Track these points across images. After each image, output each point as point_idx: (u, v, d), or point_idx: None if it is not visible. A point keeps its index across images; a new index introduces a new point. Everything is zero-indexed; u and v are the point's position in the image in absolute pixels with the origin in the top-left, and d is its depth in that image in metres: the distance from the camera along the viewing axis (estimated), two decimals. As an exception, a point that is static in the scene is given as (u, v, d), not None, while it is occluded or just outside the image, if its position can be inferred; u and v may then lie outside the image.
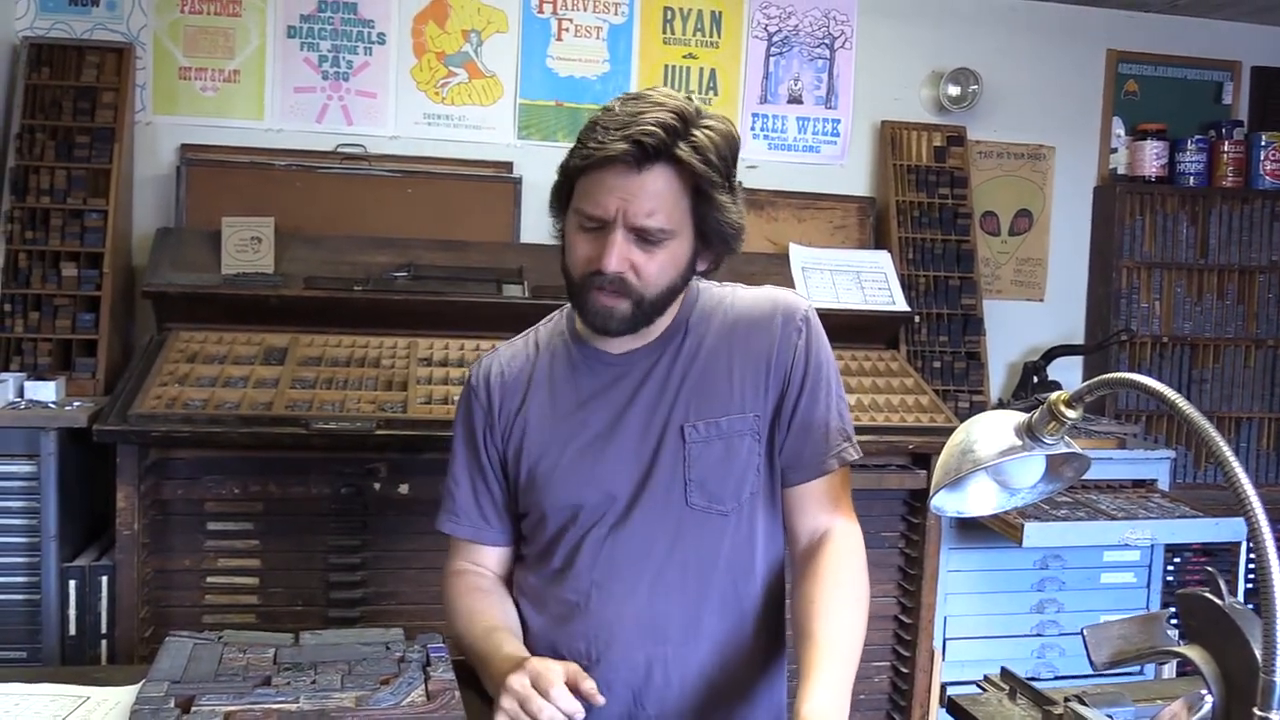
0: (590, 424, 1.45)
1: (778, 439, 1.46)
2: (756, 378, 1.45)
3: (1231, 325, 3.71)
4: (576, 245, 1.39)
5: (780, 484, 1.47)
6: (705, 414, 1.43)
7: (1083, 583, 3.11)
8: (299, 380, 2.64)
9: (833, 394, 1.48)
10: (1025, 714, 1.38)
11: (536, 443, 1.47)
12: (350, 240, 3.00)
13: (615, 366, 1.47)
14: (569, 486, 1.44)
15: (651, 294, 1.38)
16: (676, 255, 1.38)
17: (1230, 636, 1.00)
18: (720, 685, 1.43)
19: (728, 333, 1.47)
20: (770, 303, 1.49)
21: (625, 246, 1.34)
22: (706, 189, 1.36)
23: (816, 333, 1.48)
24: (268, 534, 2.55)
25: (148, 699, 1.15)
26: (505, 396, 1.51)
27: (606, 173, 1.33)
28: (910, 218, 3.45)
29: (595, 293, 1.37)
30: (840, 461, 1.46)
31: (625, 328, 1.40)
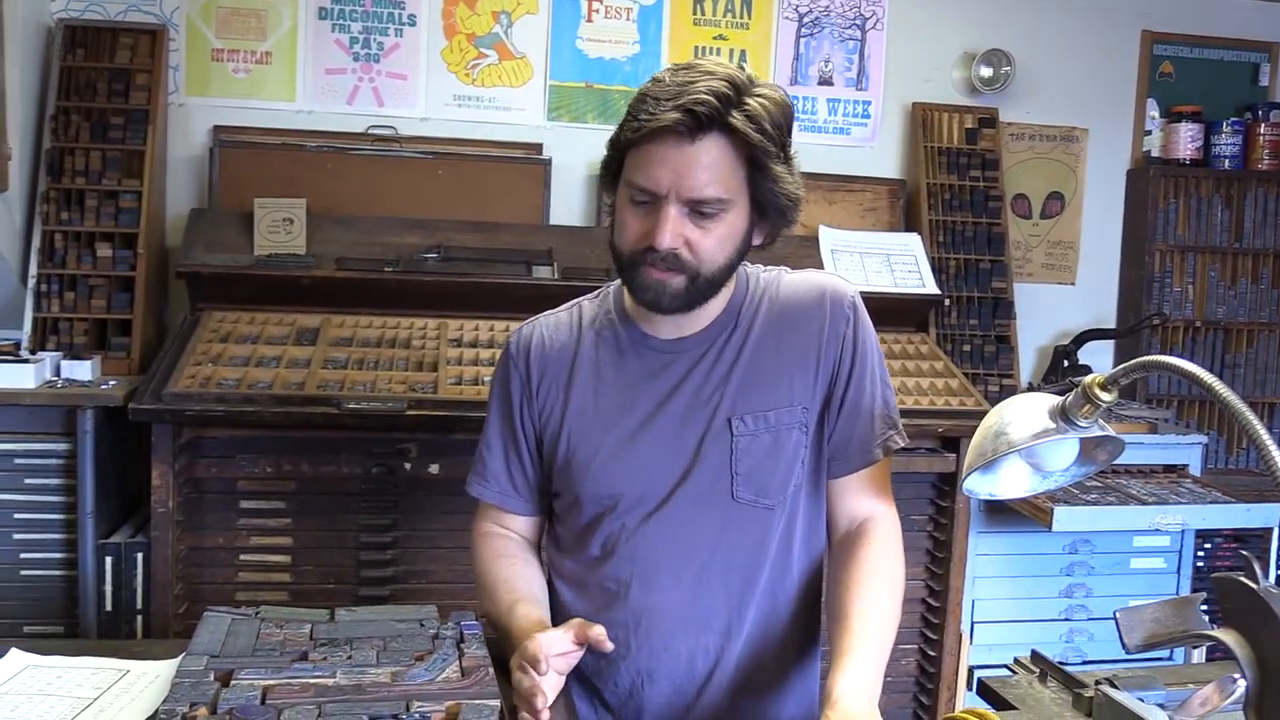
0: (634, 411, 1.41)
1: (825, 429, 1.43)
2: (805, 369, 1.42)
3: (1266, 310, 3.66)
4: (627, 221, 1.34)
5: (825, 474, 1.45)
6: (754, 407, 1.39)
7: (1112, 568, 3.10)
8: (330, 360, 2.66)
9: (878, 381, 1.45)
10: (1055, 697, 1.38)
11: (577, 428, 1.43)
12: (381, 221, 3.02)
13: (664, 353, 1.43)
14: (609, 476, 1.41)
15: (708, 270, 1.33)
16: (733, 229, 1.34)
17: (1265, 621, 1.00)
18: (756, 675, 1.43)
19: (775, 322, 1.43)
20: (817, 290, 1.45)
21: (679, 221, 1.30)
22: (762, 158, 1.31)
23: (863, 320, 1.45)
24: (299, 513, 2.57)
25: (188, 672, 1.16)
26: (546, 371, 1.46)
27: (658, 145, 1.28)
28: (941, 200, 3.43)
29: (647, 268, 1.33)
30: (885, 450, 1.44)
31: (679, 304, 1.35)
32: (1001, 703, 1.36)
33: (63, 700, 1.23)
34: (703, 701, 1.41)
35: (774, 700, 1.45)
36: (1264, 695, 0.99)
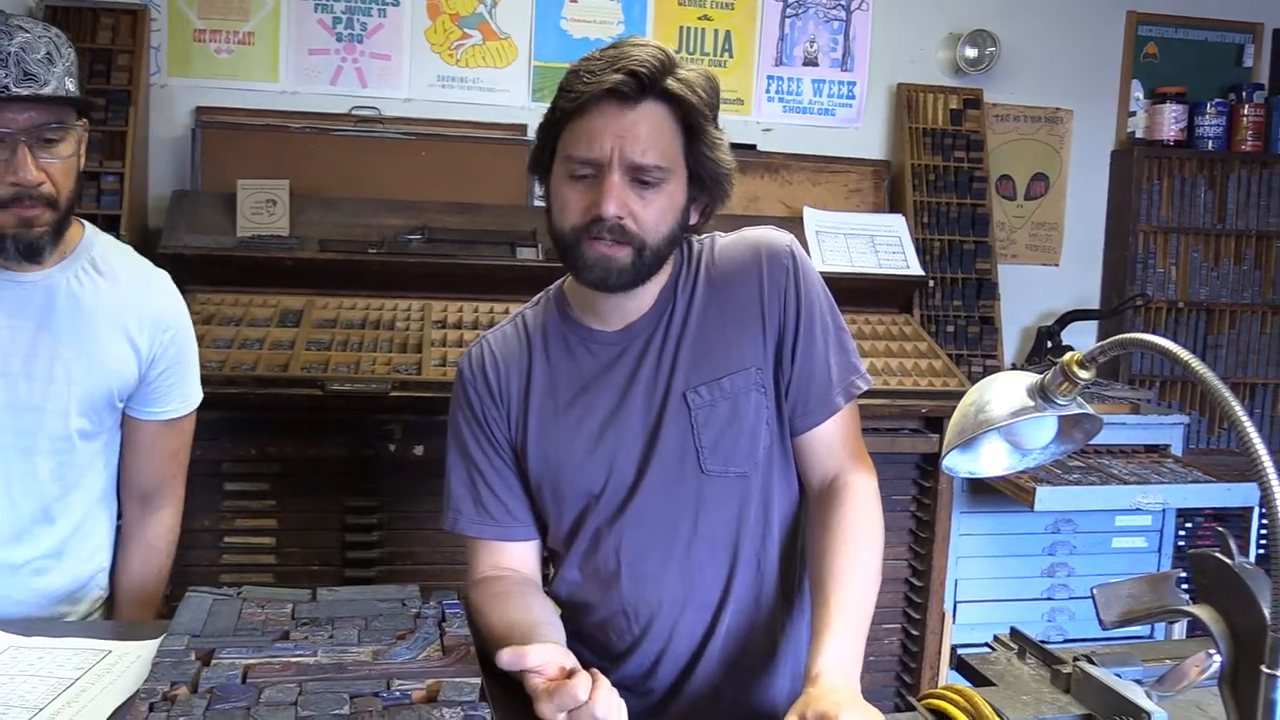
0: (596, 407, 1.41)
1: (782, 386, 1.41)
2: (752, 329, 1.40)
3: (1248, 291, 3.68)
4: (568, 197, 1.32)
5: (790, 433, 1.43)
6: (706, 377, 1.38)
7: (1093, 547, 3.12)
8: (314, 342, 2.66)
9: (829, 328, 1.42)
10: (1034, 673, 1.38)
11: (544, 434, 1.42)
12: (365, 203, 3.01)
13: (613, 344, 1.42)
14: (583, 473, 1.40)
15: (652, 241, 1.32)
16: (674, 200, 1.33)
17: (1239, 596, 1.01)
18: (749, 645, 1.43)
19: (716, 289, 1.41)
20: (752, 248, 1.43)
21: (623, 190, 1.29)
22: (699, 124, 1.32)
23: (803, 268, 1.42)
24: (284, 494, 2.57)
25: (169, 651, 1.16)
26: (504, 381, 1.44)
27: (597, 114, 1.28)
28: (926, 181, 3.43)
29: (592, 243, 1.30)
30: (848, 395, 1.42)
31: (626, 279, 1.34)
32: (980, 679, 1.37)
33: (45, 681, 1.23)
34: (702, 672, 1.42)
35: (769, 660, 1.45)
36: (1238, 669, 1.00)
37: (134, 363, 1.65)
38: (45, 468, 1.62)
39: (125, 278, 1.66)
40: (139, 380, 1.67)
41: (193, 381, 1.77)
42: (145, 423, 1.72)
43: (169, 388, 1.71)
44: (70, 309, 1.60)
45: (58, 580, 1.67)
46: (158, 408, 1.72)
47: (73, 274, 1.61)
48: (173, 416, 1.74)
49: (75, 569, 1.70)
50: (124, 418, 1.71)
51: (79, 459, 1.66)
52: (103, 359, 1.62)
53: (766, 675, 1.44)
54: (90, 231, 1.68)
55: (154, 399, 1.71)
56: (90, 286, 1.62)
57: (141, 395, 1.69)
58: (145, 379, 1.68)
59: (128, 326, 1.64)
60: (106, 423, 1.68)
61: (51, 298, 1.59)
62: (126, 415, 1.71)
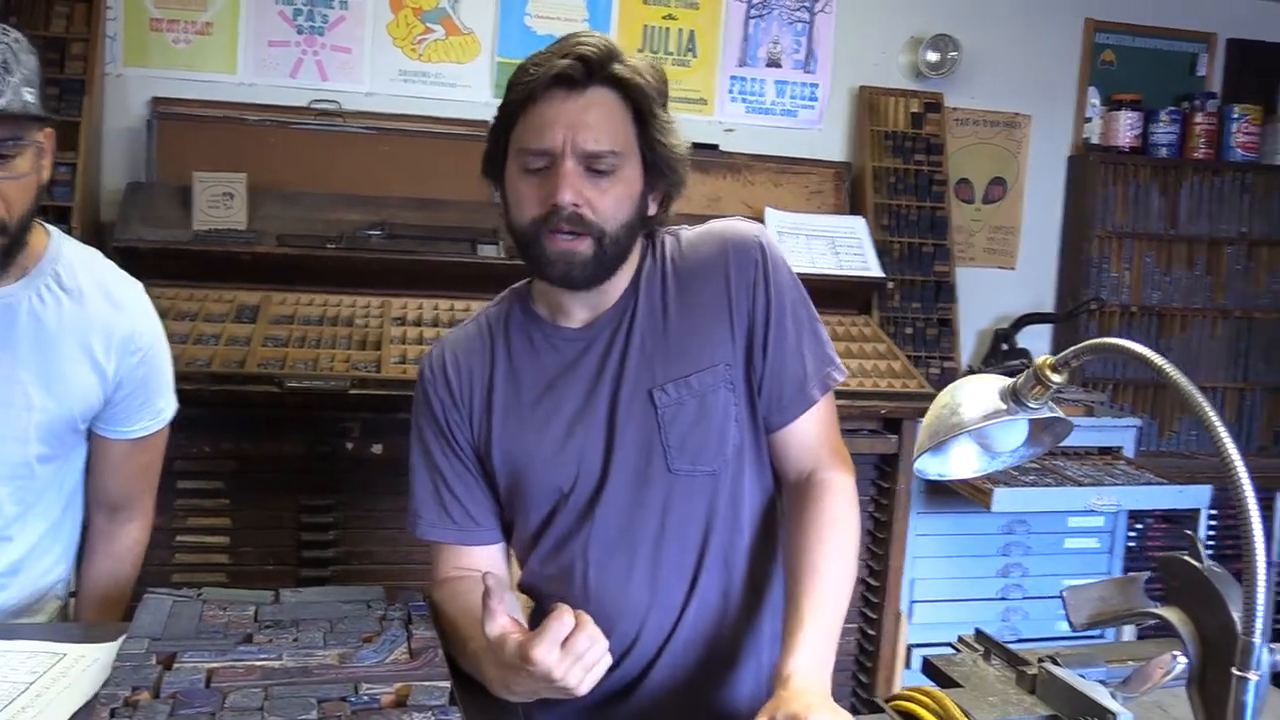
0: (563, 404, 1.39)
1: (754, 382, 1.39)
2: (720, 325, 1.38)
3: (1199, 296, 3.75)
4: (523, 192, 1.31)
5: (765, 430, 1.42)
6: (674, 374, 1.37)
7: (1047, 548, 3.16)
8: (271, 338, 2.62)
9: (802, 319, 1.41)
10: (999, 674, 1.39)
11: (509, 433, 1.40)
12: (324, 198, 2.97)
13: (577, 341, 1.40)
14: (551, 471, 1.39)
15: (611, 230, 1.30)
16: (630, 185, 1.33)
17: (1208, 599, 1.02)
18: (715, 646, 1.42)
19: (682, 282, 1.40)
20: (719, 242, 1.41)
21: (577, 179, 1.28)
22: (648, 109, 1.32)
23: (773, 260, 1.40)
24: (238, 493, 2.53)
25: (129, 655, 1.14)
26: (466, 383, 1.42)
27: (545, 103, 1.28)
28: (886, 184, 3.45)
29: (552, 236, 1.29)
30: (823, 387, 1.41)
31: (589, 273, 1.32)
32: (947, 680, 1.37)
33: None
34: (665, 669, 1.40)
35: (734, 656, 1.44)
36: (1206, 671, 1.01)
37: (98, 387, 1.57)
38: (2, 493, 1.54)
39: (92, 294, 1.56)
40: (104, 403, 1.59)
41: (164, 398, 1.68)
42: (114, 441, 1.64)
43: (137, 408, 1.63)
44: (32, 329, 1.51)
45: (14, 595, 1.61)
46: (125, 427, 1.63)
47: (35, 291, 1.51)
48: (142, 435, 1.65)
49: (33, 583, 1.64)
50: (90, 433, 1.64)
51: (38, 483, 1.58)
52: (65, 383, 1.53)
53: (731, 671, 1.44)
54: (56, 241, 1.57)
55: (121, 419, 1.63)
56: (54, 305, 1.52)
57: (108, 416, 1.61)
58: (111, 401, 1.59)
59: (93, 348, 1.54)
60: (68, 444, 1.61)
61: (12, 317, 1.50)
62: (93, 432, 1.63)
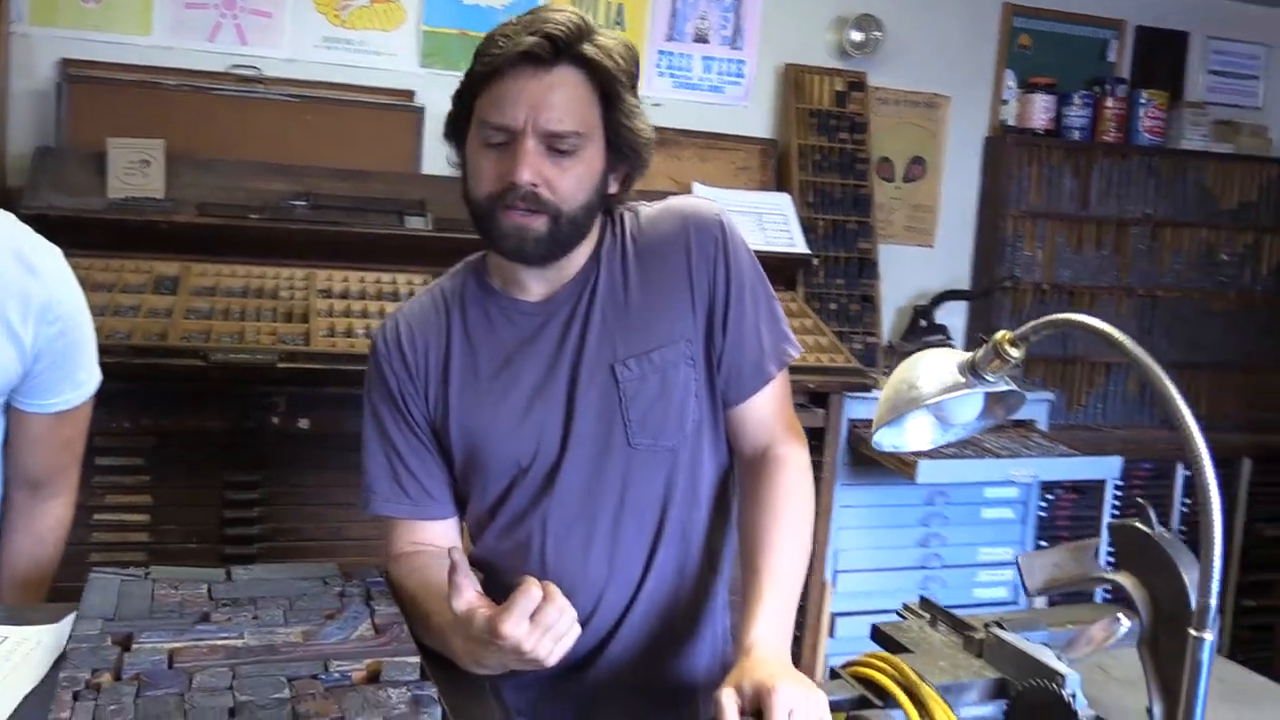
0: (521, 379, 1.38)
1: (713, 358, 1.41)
2: (681, 301, 1.39)
3: (1107, 275, 3.88)
4: (482, 165, 1.30)
5: (722, 405, 1.43)
6: (635, 350, 1.37)
7: (965, 518, 3.25)
8: (193, 311, 2.54)
9: (760, 297, 1.43)
10: (946, 640, 1.43)
11: (466, 407, 1.39)
12: (245, 166, 2.88)
13: (535, 315, 1.39)
14: (509, 445, 1.38)
15: (569, 209, 1.30)
16: (591, 167, 1.32)
17: (1160, 564, 1.06)
18: (671, 619, 1.43)
19: (643, 260, 1.41)
20: (679, 219, 1.42)
21: (537, 158, 1.27)
22: (615, 90, 1.31)
23: (732, 238, 1.42)
24: (160, 470, 2.46)
25: (83, 636, 1.10)
26: (421, 356, 1.41)
27: (511, 79, 1.26)
28: (811, 161, 3.49)
29: (506, 212, 1.28)
30: (780, 364, 1.43)
31: (543, 250, 1.32)
32: (896, 646, 1.40)
33: (-63, 670, 1.15)
34: (622, 642, 1.41)
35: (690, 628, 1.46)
36: (1157, 633, 1.06)
37: (16, 358, 1.49)
38: None
39: (6, 261, 1.47)
40: (22, 375, 1.51)
41: (87, 369, 1.60)
42: (33, 415, 1.56)
43: (58, 380, 1.55)
44: None
45: None
46: (46, 400, 1.56)
47: None
48: (64, 409, 1.58)
49: None
50: (9, 407, 1.56)
51: None
52: None
53: (687, 644, 1.45)
54: None
55: (41, 392, 1.55)
56: None
57: (27, 389, 1.53)
58: (30, 373, 1.51)
59: (9, 317, 1.46)
60: None
61: None
62: (11, 406, 1.56)
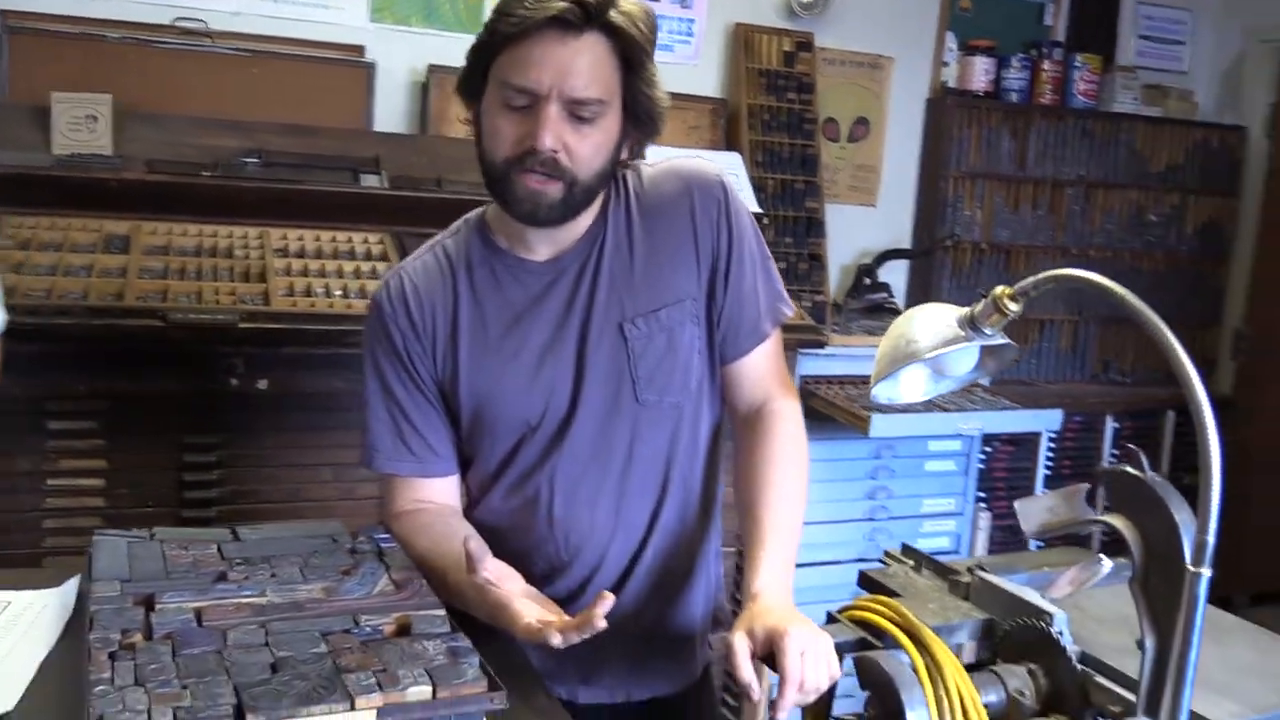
0: (530, 338, 1.40)
1: (714, 316, 1.44)
2: (686, 261, 1.42)
3: (1042, 234, 4.00)
4: (500, 126, 1.29)
5: (720, 361, 1.47)
6: (643, 309, 1.40)
7: (910, 471, 3.33)
8: (147, 270, 2.49)
9: (758, 258, 1.46)
10: (931, 584, 1.49)
11: (476, 367, 1.40)
12: (193, 122, 2.81)
13: (543, 274, 1.40)
14: (520, 404, 1.39)
15: (584, 177, 1.31)
16: (609, 135, 1.32)
17: (1151, 507, 1.12)
18: (673, 568, 1.47)
19: (646, 219, 1.42)
20: (683, 181, 1.44)
21: (559, 124, 1.27)
22: (639, 59, 1.31)
23: (734, 200, 1.45)
24: (115, 433, 2.41)
25: (105, 598, 1.09)
26: (428, 315, 1.41)
27: (537, 42, 1.25)
28: (761, 121, 3.52)
29: (524, 175, 1.28)
30: (775, 321, 1.46)
31: (555, 215, 1.33)
32: (885, 591, 1.46)
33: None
34: (627, 594, 1.44)
35: (684, 591, 1.50)
36: (1149, 572, 1.12)
37: None
38: None
39: None
40: None
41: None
42: None
43: None
44: None
45: None
46: None
47: None
48: None
49: None
50: None
51: None
52: None
53: (686, 593, 1.50)
54: None
55: None
56: None
57: None
58: None
59: None
60: None
61: None
62: None
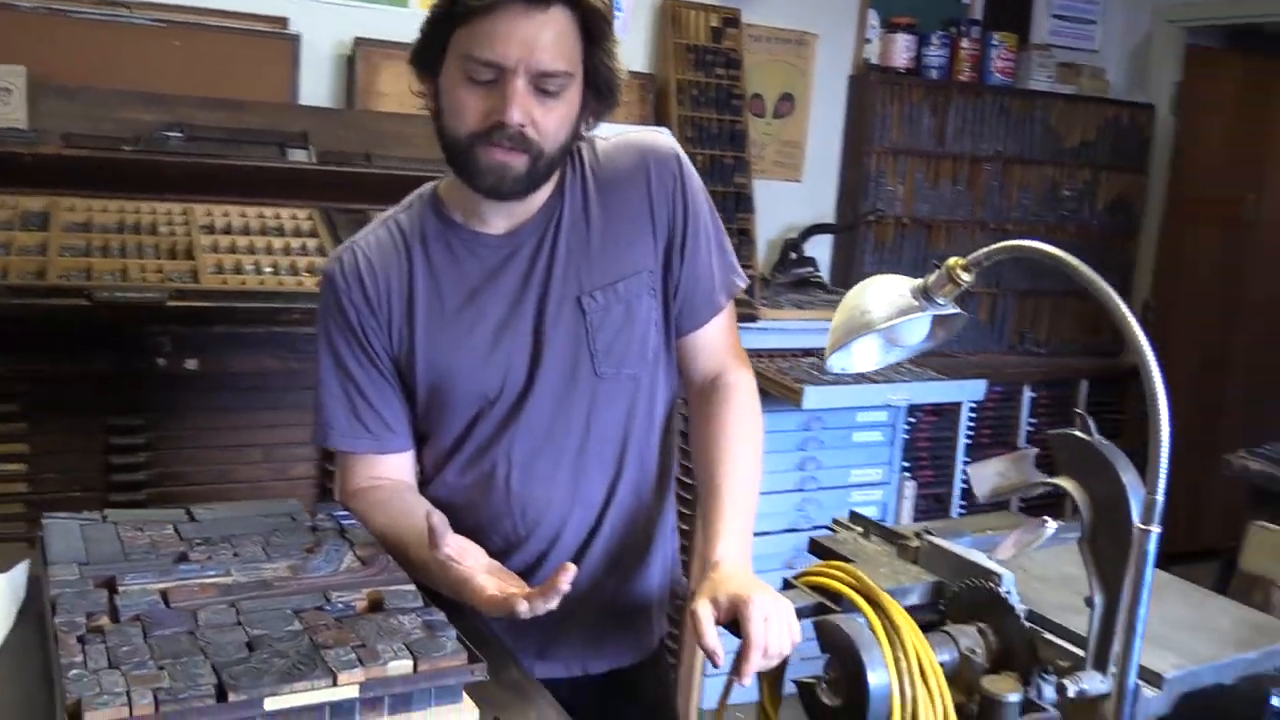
0: (487, 312, 1.39)
1: (670, 289, 1.45)
2: (643, 234, 1.43)
3: (962, 209, 4.09)
4: (464, 100, 1.29)
5: (676, 334, 1.48)
6: (600, 282, 1.40)
7: (838, 442, 3.40)
8: (69, 248, 2.41)
9: (712, 231, 1.47)
10: (880, 549, 1.53)
11: (432, 342, 1.40)
12: (112, 94, 2.72)
13: (500, 248, 1.40)
14: (477, 378, 1.39)
15: (549, 149, 1.31)
16: (572, 106, 1.32)
17: (1099, 468, 1.17)
18: (630, 541, 1.48)
19: (603, 192, 1.43)
20: (638, 153, 1.44)
21: (526, 98, 1.27)
22: (601, 31, 1.31)
23: (689, 172, 1.46)
24: (37, 416, 2.34)
25: (64, 581, 1.06)
26: (383, 289, 1.39)
27: (502, 16, 1.24)
28: (689, 96, 3.53)
29: (489, 149, 1.28)
30: (729, 293, 1.48)
31: (520, 188, 1.33)
32: (836, 557, 1.50)
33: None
34: (585, 568, 1.44)
35: (642, 564, 1.52)
36: (1097, 531, 1.17)
37: None
38: None
39: None
40: None
41: None
42: None
43: None
44: None
45: None
46: None
47: None
48: None
49: None
50: None
51: None
52: None
53: (643, 566, 1.51)
54: None
55: None
56: None
57: None
58: None
59: None
60: None
61: None
62: None
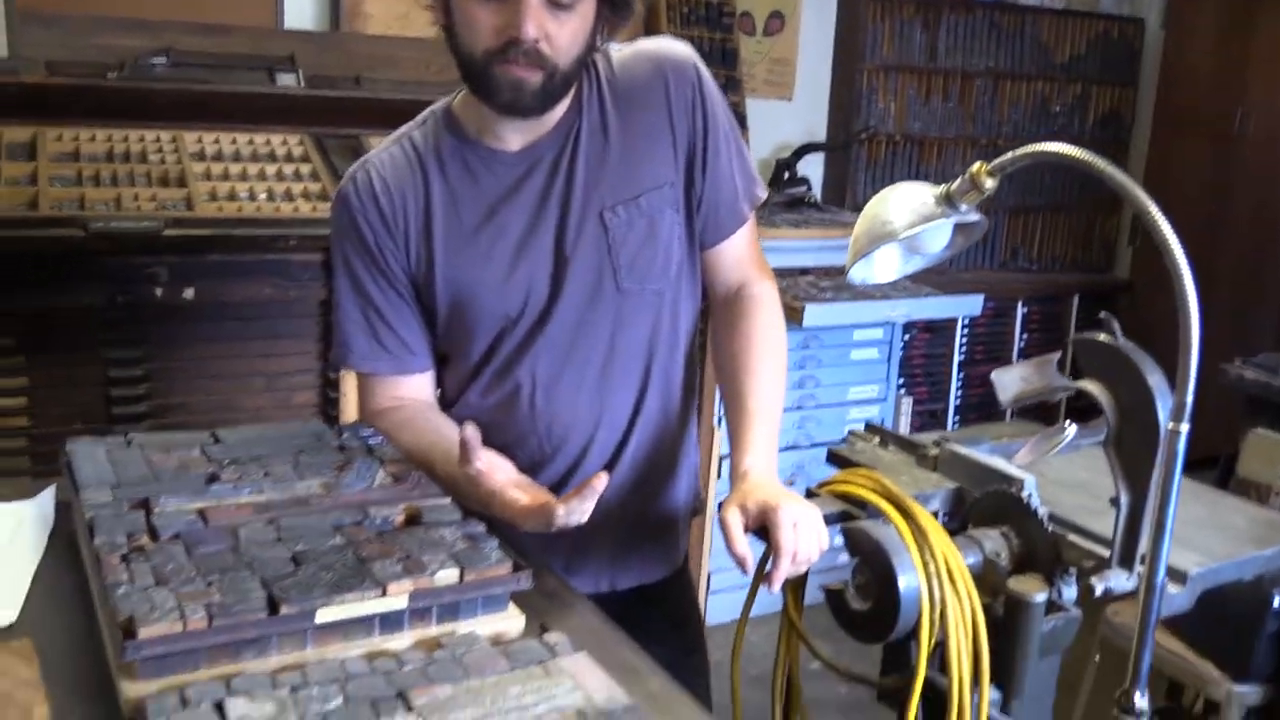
0: (508, 229, 1.38)
1: (693, 201, 1.43)
2: (663, 146, 1.40)
3: (953, 125, 4.07)
4: (478, 17, 1.26)
5: (699, 247, 1.47)
6: (622, 196, 1.38)
7: (835, 360, 3.41)
8: (59, 178, 2.37)
9: (732, 140, 1.45)
10: (898, 458, 1.55)
11: (452, 261, 1.37)
12: (95, 20, 2.66)
13: (517, 165, 1.38)
14: (499, 296, 1.38)
15: (564, 64, 1.28)
16: (586, 20, 1.29)
17: (1125, 371, 1.18)
18: (655, 457, 1.48)
19: (620, 104, 1.40)
20: (655, 63, 1.41)
21: (540, 12, 1.24)
22: None
23: (707, 82, 1.42)
24: (35, 349, 2.32)
25: (98, 504, 1.06)
26: (399, 208, 1.37)
27: None
28: (680, 14, 3.48)
29: (505, 66, 1.25)
30: (751, 204, 1.47)
31: (536, 104, 1.30)
32: (856, 466, 1.51)
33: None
34: (611, 486, 1.41)
35: (670, 477, 1.52)
36: (1122, 432, 1.18)
37: None
38: None
39: None
40: None
41: None
42: None
43: None
44: None
45: None
46: None
47: None
48: None
49: None
50: None
51: None
52: None
53: (668, 481, 1.52)
54: None
55: None
56: None
57: None
58: None
59: None
60: None
61: None
62: None
